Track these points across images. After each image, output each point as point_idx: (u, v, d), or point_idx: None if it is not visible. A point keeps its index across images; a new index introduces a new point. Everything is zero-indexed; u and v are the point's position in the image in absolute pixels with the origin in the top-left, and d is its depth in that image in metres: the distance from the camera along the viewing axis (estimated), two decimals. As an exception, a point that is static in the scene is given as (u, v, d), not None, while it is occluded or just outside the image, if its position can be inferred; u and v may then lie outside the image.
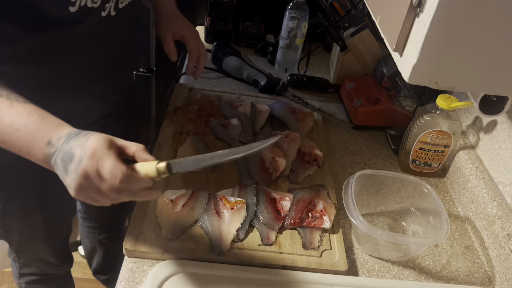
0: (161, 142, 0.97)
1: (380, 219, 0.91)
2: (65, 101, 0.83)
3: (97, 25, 0.79)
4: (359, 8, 1.27)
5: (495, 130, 0.96)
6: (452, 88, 0.49)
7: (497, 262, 0.82)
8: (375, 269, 0.81)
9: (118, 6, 0.81)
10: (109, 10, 0.80)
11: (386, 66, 1.16)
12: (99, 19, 0.79)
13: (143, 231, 0.77)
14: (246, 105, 1.09)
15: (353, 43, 1.22)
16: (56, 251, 1.17)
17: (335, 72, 1.31)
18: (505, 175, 0.90)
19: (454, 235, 0.90)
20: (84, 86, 0.87)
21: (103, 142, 0.57)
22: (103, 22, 0.80)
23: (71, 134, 0.59)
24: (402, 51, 0.50)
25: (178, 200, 0.81)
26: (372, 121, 1.15)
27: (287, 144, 0.98)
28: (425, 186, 0.86)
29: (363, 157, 1.07)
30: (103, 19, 0.79)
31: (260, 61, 1.41)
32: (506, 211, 0.85)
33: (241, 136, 1.02)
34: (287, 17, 1.28)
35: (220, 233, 0.77)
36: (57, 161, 0.58)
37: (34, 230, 1.07)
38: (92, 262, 1.60)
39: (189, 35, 1.05)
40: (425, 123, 0.95)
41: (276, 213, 0.82)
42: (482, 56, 0.46)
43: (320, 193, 0.88)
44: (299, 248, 0.78)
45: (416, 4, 0.46)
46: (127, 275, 0.72)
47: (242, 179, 0.91)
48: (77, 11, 0.73)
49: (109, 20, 0.81)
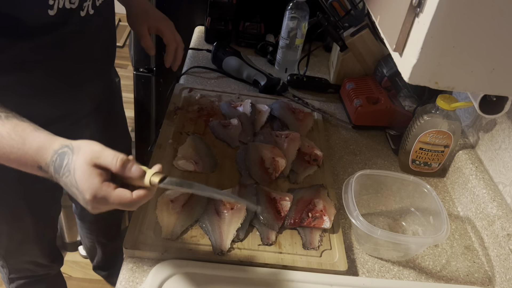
0: (161, 142, 0.97)
1: (380, 219, 0.91)
2: (47, 105, 0.83)
3: (78, 26, 0.79)
4: (359, 8, 1.27)
5: (495, 130, 0.96)
6: (452, 88, 0.49)
7: (497, 262, 0.82)
8: (375, 269, 0.81)
9: (95, 4, 0.81)
10: (87, 9, 0.79)
11: (386, 66, 1.16)
12: (79, 19, 0.78)
13: (143, 231, 0.77)
14: (246, 105, 1.09)
15: (353, 43, 1.22)
16: (45, 252, 1.16)
17: (335, 72, 1.31)
18: (505, 175, 0.90)
19: (454, 235, 0.90)
20: (66, 90, 0.87)
21: (94, 179, 0.57)
22: (83, 22, 0.79)
23: (55, 162, 0.59)
24: (402, 51, 0.50)
25: (178, 200, 0.81)
26: (372, 121, 1.15)
27: (287, 144, 0.98)
28: (425, 186, 0.86)
29: (363, 157, 1.07)
30: (82, 19, 0.79)
31: (260, 61, 1.41)
32: (506, 211, 0.85)
33: (241, 136, 1.02)
34: (287, 17, 1.28)
35: (220, 233, 0.77)
36: (59, 182, 0.61)
37: (24, 234, 1.06)
38: (93, 259, 1.62)
39: (164, 27, 1.02)
40: (425, 123, 0.95)
41: (276, 213, 0.82)
42: (482, 56, 0.46)
43: (320, 193, 0.88)
44: (299, 248, 0.78)
45: (416, 4, 0.46)
46: (127, 275, 0.72)
47: (242, 179, 0.91)
48: (56, 13, 0.72)
49: (89, 19, 0.80)
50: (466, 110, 1.08)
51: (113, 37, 0.98)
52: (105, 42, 0.92)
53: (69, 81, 0.85)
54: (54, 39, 0.76)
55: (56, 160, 0.59)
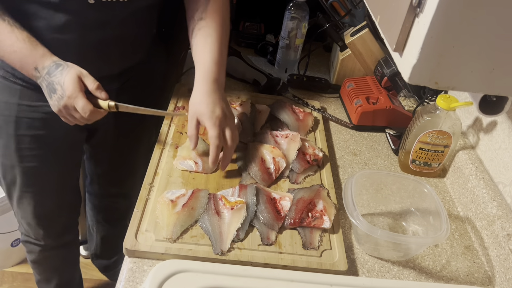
0: (161, 142, 0.97)
1: (380, 219, 0.91)
2: (101, 63, 0.97)
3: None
4: (359, 8, 1.27)
5: (495, 130, 0.96)
6: (452, 88, 0.49)
7: (497, 262, 0.82)
8: (375, 269, 0.81)
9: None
10: None
11: (386, 66, 1.16)
12: None
13: (143, 231, 0.77)
14: (246, 105, 1.09)
15: (353, 43, 1.22)
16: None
17: (335, 72, 1.31)
18: (505, 175, 0.90)
19: (454, 235, 0.90)
20: (118, 54, 0.99)
21: (77, 84, 0.82)
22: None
23: (52, 66, 0.83)
24: (402, 51, 0.50)
25: (178, 200, 0.81)
26: (372, 121, 1.15)
27: (287, 144, 0.98)
28: (425, 186, 0.86)
29: (363, 157, 1.07)
30: None
31: (260, 61, 1.41)
32: (506, 211, 0.85)
33: (241, 136, 1.02)
34: (287, 17, 1.28)
35: (220, 233, 0.77)
36: (42, 84, 0.84)
37: None
38: (90, 246, 1.65)
39: (203, 117, 0.88)
40: (425, 123, 0.95)
41: (276, 213, 0.82)
42: (482, 56, 0.46)
43: (320, 193, 0.88)
44: (299, 248, 0.78)
45: (416, 4, 0.46)
46: (127, 275, 0.72)
47: (242, 179, 0.91)
48: None
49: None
50: (466, 110, 1.08)
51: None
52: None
53: (119, 47, 0.97)
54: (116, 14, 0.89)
55: (52, 66, 0.83)
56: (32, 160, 1.05)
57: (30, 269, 1.42)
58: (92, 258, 1.69)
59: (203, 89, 0.88)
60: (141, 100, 1.03)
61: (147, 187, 0.85)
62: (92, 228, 1.56)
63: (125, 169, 1.32)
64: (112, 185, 1.38)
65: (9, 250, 1.71)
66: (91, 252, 1.67)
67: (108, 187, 1.40)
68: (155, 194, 0.84)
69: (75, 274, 1.49)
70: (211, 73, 0.89)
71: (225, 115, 0.87)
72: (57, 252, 1.33)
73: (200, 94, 0.87)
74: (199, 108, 0.86)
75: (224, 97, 0.90)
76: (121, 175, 1.34)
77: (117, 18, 0.90)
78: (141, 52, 1.06)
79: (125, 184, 1.37)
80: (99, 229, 1.55)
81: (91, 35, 0.90)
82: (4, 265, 1.75)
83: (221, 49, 0.92)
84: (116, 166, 1.30)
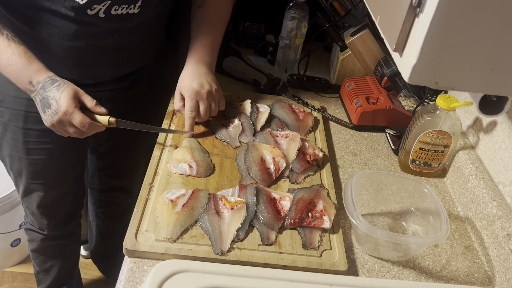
0: (161, 142, 0.97)
1: (380, 219, 0.91)
2: (108, 68, 1.02)
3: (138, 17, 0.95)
4: (359, 8, 1.27)
5: (495, 130, 0.96)
6: (452, 88, 0.49)
7: (497, 262, 0.82)
8: (375, 269, 0.81)
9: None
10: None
11: (386, 66, 1.16)
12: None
13: (143, 231, 0.77)
14: (246, 105, 1.09)
15: (353, 43, 1.22)
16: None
17: (335, 72, 1.31)
18: (505, 175, 0.90)
19: (454, 235, 0.90)
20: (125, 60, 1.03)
21: (72, 101, 0.84)
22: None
23: (47, 81, 0.84)
24: (402, 51, 0.50)
25: (178, 200, 0.81)
26: (372, 121, 1.15)
27: (287, 144, 0.98)
28: (425, 186, 0.86)
29: (363, 157, 1.07)
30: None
31: (260, 61, 1.41)
32: (506, 211, 0.85)
33: (241, 136, 1.02)
34: (287, 17, 1.28)
35: (220, 233, 0.77)
36: (36, 98, 0.86)
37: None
38: (90, 244, 1.66)
39: (183, 91, 0.99)
40: (425, 123, 0.95)
41: (276, 213, 0.82)
42: (482, 56, 0.46)
43: (320, 193, 0.88)
44: (299, 248, 0.78)
45: (416, 4, 0.46)
46: (127, 275, 0.72)
47: (242, 179, 0.91)
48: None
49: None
50: (466, 110, 1.08)
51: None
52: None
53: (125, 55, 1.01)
54: (125, 27, 0.93)
55: (47, 81, 0.84)
56: (38, 153, 1.08)
57: (30, 269, 1.43)
58: (91, 256, 1.70)
59: (187, 68, 0.98)
60: (148, 99, 1.05)
61: (147, 187, 0.85)
62: (92, 223, 1.58)
63: (126, 164, 1.35)
64: (112, 179, 1.40)
65: (9, 250, 1.71)
66: (90, 249, 1.68)
67: (108, 181, 1.41)
68: (155, 194, 0.84)
69: (74, 269, 1.50)
70: (197, 54, 0.98)
71: (204, 90, 0.95)
72: (58, 243, 1.35)
73: (185, 72, 0.97)
74: (181, 83, 0.97)
75: (210, 76, 0.97)
76: (122, 169, 1.37)
77: (127, 27, 0.94)
78: (150, 55, 1.10)
79: (126, 179, 1.39)
80: (98, 224, 1.56)
81: (101, 42, 0.94)
82: (4, 265, 1.75)
83: (212, 33, 1.00)
84: (118, 160, 1.33)
